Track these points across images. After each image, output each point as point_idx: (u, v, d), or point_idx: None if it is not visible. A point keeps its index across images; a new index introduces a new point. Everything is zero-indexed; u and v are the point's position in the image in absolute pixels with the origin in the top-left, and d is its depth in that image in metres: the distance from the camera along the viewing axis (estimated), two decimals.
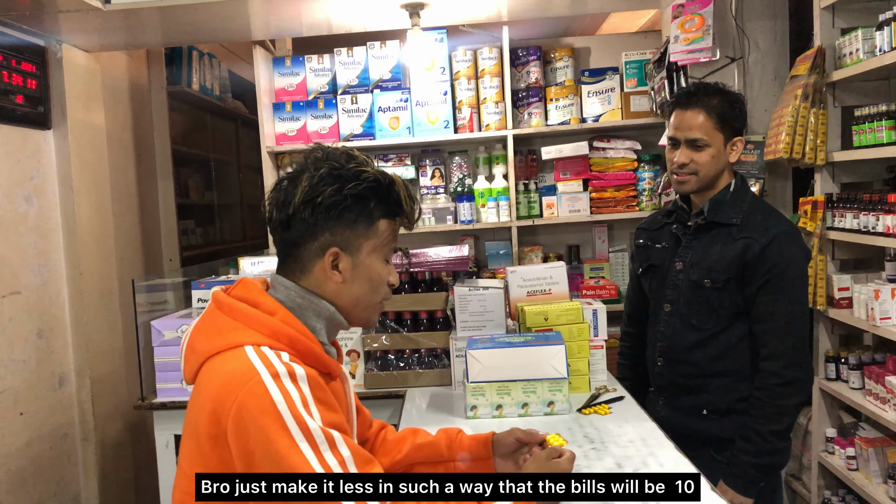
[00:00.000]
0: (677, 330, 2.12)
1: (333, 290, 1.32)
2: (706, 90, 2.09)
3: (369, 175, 1.29)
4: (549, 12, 3.87)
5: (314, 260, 1.30)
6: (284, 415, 1.13)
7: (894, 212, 2.42)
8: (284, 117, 4.04)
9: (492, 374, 1.99)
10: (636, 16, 5.12)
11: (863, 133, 2.63)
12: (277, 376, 1.16)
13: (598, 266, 4.11)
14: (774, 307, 1.98)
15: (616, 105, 4.02)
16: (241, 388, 1.15)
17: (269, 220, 1.33)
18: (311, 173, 1.28)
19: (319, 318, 1.33)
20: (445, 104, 3.98)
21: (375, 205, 1.31)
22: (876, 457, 2.65)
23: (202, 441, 1.19)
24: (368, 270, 1.33)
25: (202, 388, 1.22)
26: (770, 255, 1.97)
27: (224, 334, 1.25)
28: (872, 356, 2.79)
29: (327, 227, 1.28)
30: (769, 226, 2.01)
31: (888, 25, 2.43)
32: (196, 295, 2.71)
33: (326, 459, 1.12)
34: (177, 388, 2.68)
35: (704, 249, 2.08)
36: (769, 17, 3.34)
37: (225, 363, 1.21)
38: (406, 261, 2.49)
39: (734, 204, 2.07)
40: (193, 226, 4.98)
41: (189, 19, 3.30)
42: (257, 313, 1.26)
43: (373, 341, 2.49)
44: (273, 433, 1.12)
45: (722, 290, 2.03)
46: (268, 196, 1.33)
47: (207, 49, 4.95)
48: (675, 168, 2.09)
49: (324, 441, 1.14)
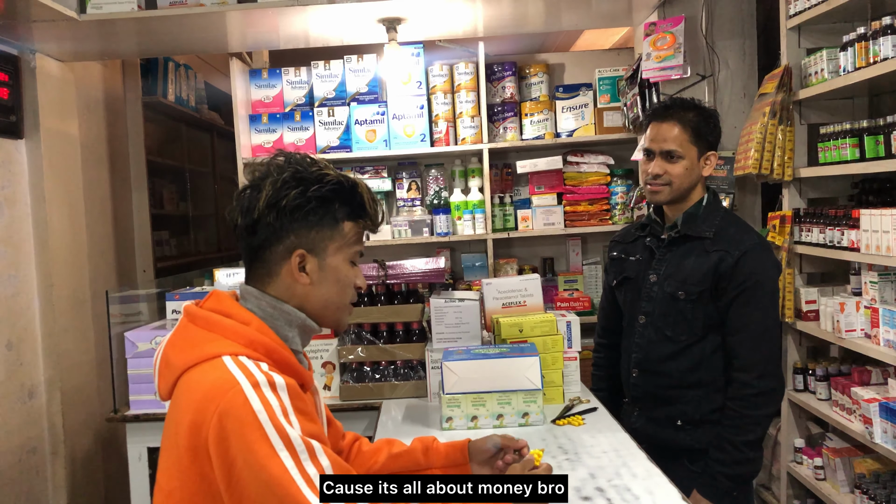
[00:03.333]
0: (652, 341, 2.15)
1: (302, 292, 1.33)
2: (682, 104, 2.13)
3: (332, 178, 1.31)
4: (524, 28, 3.92)
5: (281, 263, 1.31)
6: (265, 424, 1.13)
7: (858, 227, 2.49)
8: (261, 129, 4.05)
9: (467, 386, 2.00)
10: (609, 33, 5.21)
11: (828, 150, 2.70)
12: (258, 385, 1.16)
13: (571, 278, 4.16)
14: (748, 319, 2.01)
15: (590, 120, 4.08)
16: (222, 398, 1.15)
17: (234, 228, 1.33)
18: (275, 178, 1.29)
19: (291, 327, 1.33)
20: (422, 118, 4.02)
21: (339, 207, 1.32)
22: (843, 467, 2.70)
23: (181, 454, 1.18)
24: (335, 272, 1.34)
25: (180, 401, 1.22)
26: (743, 268, 2.01)
27: (200, 346, 1.24)
28: (839, 368, 2.85)
29: (292, 229, 1.29)
30: (742, 239, 2.05)
31: (851, 46, 2.51)
32: (170, 306, 2.69)
33: (307, 469, 1.12)
34: (150, 400, 2.66)
35: (678, 262, 2.11)
36: (738, 36, 3.42)
37: (204, 375, 1.20)
38: (382, 272, 2.50)
39: (707, 218, 2.11)
40: (168, 237, 4.95)
41: (165, 30, 3.30)
42: (233, 323, 1.27)
43: (348, 353, 2.49)
44: (254, 442, 1.12)
45: (696, 302, 2.06)
46: (232, 204, 1.34)
47: (184, 60, 4.94)
48: (649, 178, 2.12)
49: (304, 450, 1.14)
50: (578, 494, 1.55)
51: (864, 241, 2.45)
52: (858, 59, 2.47)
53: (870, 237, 2.41)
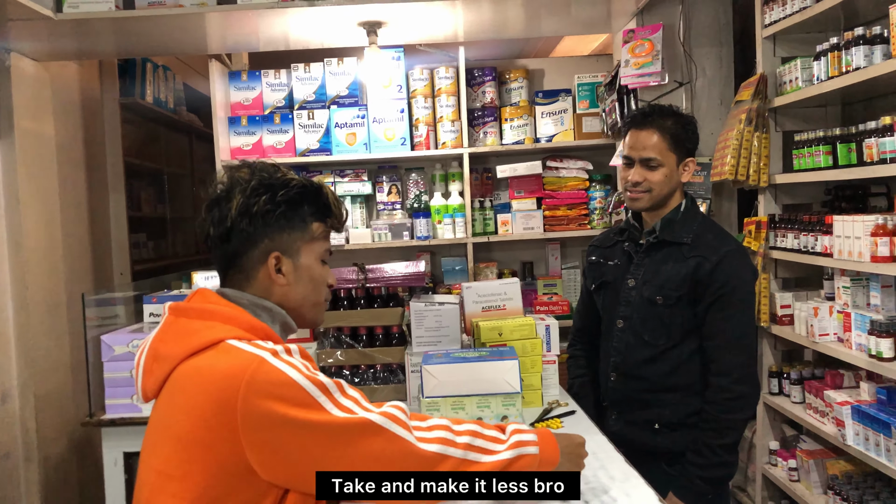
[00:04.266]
0: (630, 345, 2.16)
1: (280, 293, 1.38)
2: (661, 112, 2.14)
3: (297, 182, 1.38)
4: (504, 34, 3.95)
5: (257, 267, 1.36)
6: (295, 377, 1.19)
7: (831, 233, 2.53)
8: (240, 131, 4.03)
9: (447, 389, 2.01)
10: (589, 39, 5.25)
11: (802, 157, 2.74)
12: (276, 354, 1.22)
13: (551, 282, 4.18)
14: (725, 324, 2.03)
15: (569, 126, 4.11)
16: (249, 373, 1.18)
17: (206, 238, 1.38)
18: (243, 186, 1.35)
19: (274, 322, 1.38)
20: (402, 121, 4.02)
21: (307, 208, 1.39)
22: (816, 468, 2.75)
23: (190, 440, 1.19)
24: (309, 271, 1.40)
25: (186, 387, 1.23)
26: (721, 274, 2.03)
27: (199, 333, 1.27)
28: (812, 371, 2.89)
29: (266, 233, 1.35)
30: (719, 245, 2.07)
31: (824, 56, 2.56)
32: (148, 309, 2.67)
33: (343, 402, 1.21)
34: (127, 403, 2.63)
35: (656, 267, 2.13)
36: (715, 44, 3.47)
37: (214, 359, 1.22)
38: (362, 276, 2.50)
39: (685, 223, 2.13)
40: (145, 239, 4.90)
41: (143, 31, 3.28)
42: (229, 309, 1.31)
43: (328, 357, 2.48)
44: (293, 398, 1.18)
45: (674, 307, 2.08)
46: (201, 217, 1.39)
47: (162, 61, 4.90)
48: (629, 186, 2.14)
49: (334, 388, 1.22)
50: None
51: (837, 247, 2.49)
52: (831, 68, 2.52)
53: (842, 243, 2.46)
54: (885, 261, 2.26)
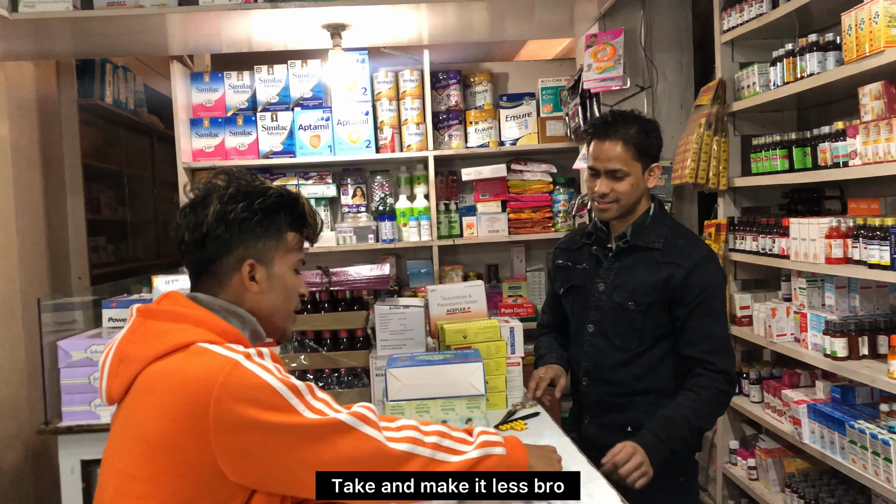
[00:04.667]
0: (601, 350, 2.16)
1: (252, 300, 1.38)
2: (623, 119, 2.11)
3: (274, 191, 1.39)
4: (468, 37, 3.96)
5: (231, 273, 1.36)
6: (268, 379, 1.20)
7: (788, 235, 2.59)
8: (202, 133, 3.98)
9: (411, 392, 2.00)
10: (552, 44, 5.30)
11: (760, 161, 2.80)
12: (249, 357, 1.23)
13: (516, 285, 4.20)
14: (710, 330, 2.06)
15: (533, 129, 4.14)
16: (223, 376, 1.18)
17: (181, 243, 1.38)
18: (221, 193, 1.35)
19: (244, 329, 1.38)
20: (367, 124, 4.01)
21: (283, 217, 1.40)
22: (774, 467, 2.80)
23: (157, 442, 1.19)
24: (282, 280, 1.41)
25: (153, 390, 1.22)
26: (696, 281, 2.04)
27: (169, 335, 1.26)
28: (771, 371, 2.95)
29: (241, 240, 1.35)
30: (691, 252, 2.08)
31: (780, 62, 2.62)
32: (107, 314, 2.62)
33: (313, 404, 1.23)
34: (85, 410, 2.58)
35: (627, 272, 2.12)
36: (676, 49, 3.52)
37: (185, 361, 1.22)
38: (326, 279, 2.49)
39: (654, 228, 2.13)
40: (105, 243, 4.80)
41: (102, 31, 3.22)
42: (200, 313, 1.31)
43: (291, 361, 2.46)
44: (267, 399, 1.18)
45: (645, 312, 2.08)
46: (176, 222, 1.38)
47: (122, 62, 4.82)
48: (596, 196, 2.13)
49: (306, 390, 1.24)
50: None
51: (794, 249, 2.55)
52: (787, 73, 2.58)
53: (798, 245, 2.51)
54: (838, 262, 2.32)
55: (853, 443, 2.24)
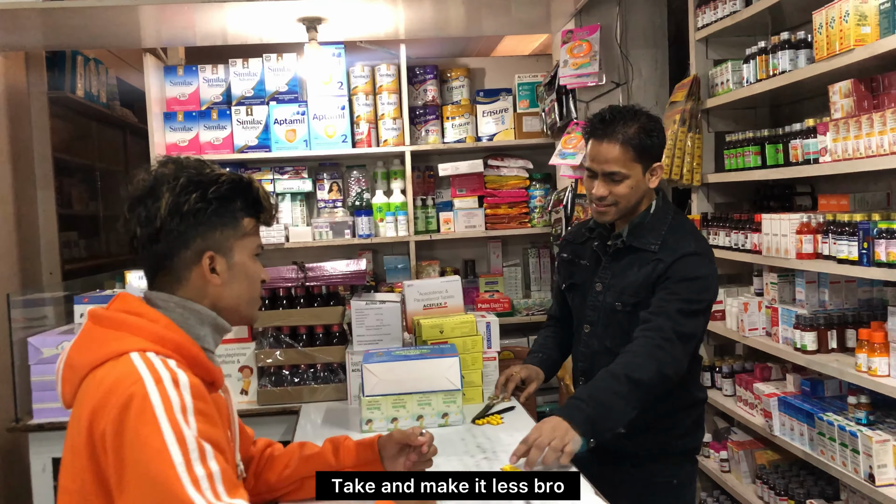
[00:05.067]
0: (595, 351, 2.10)
1: (214, 293, 1.34)
2: (622, 117, 1.97)
3: (227, 177, 1.34)
4: (445, 32, 3.96)
5: (190, 267, 1.32)
6: (161, 419, 1.13)
7: (760, 230, 2.62)
8: (176, 127, 3.93)
9: (387, 388, 2.01)
10: (529, 39, 5.31)
11: (733, 157, 2.84)
12: (160, 381, 1.16)
13: (492, 280, 4.22)
14: (669, 305, 1.90)
15: (509, 125, 4.15)
16: (124, 391, 1.14)
17: (132, 239, 1.33)
18: (171, 184, 1.29)
19: (203, 325, 1.34)
20: (343, 118, 3.99)
21: (238, 203, 1.35)
22: (746, 459, 2.84)
23: (80, 453, 1.17)
24: (243, 268, 1.37)
25: (84, 400, 1.20)
26: (672, 272, 1.95)
27: (106, 344, 1.23)
28: (743, 365, 2.99)
29: (198, 232, 1.31)
30: (677, 247, 1.98)
31: (753, 59, 2.65)
32: (79, 310, 2.58)
33: (195, 469, 1.12)
34: (56, 408, 2.54)
35: (622, 272, 2.04)
36: (651, 46, 3.55)
37: (109, 371, 1.19)
38: (302, 275, 2.48)
39: (654, 228, 2.03)
40: (77, 238, 4.74)
41: (73, 23, 3.17)
42: (140, 320, 1.26)
43: (267, 357, 2.45)
44: (147, 437, 1.11)
45: (631, 313, 2.01)
46: (124, 216, 1.33)
47: (93, 54, 4.74)
48: (594, 199, 2.03)
49: (196, 450, 1.13)
50: None
51: (766, 245, 2.58)
52: (760, 71, 2.61)
53: (770, 240, 2.55)
54: (809, 257, 2.35)
55: (822, 434, 2.29)
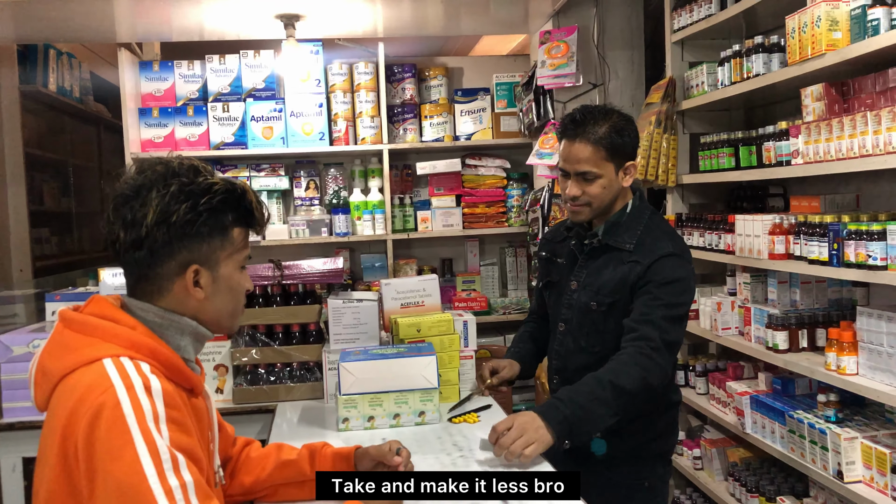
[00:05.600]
0: (569, 350, 2.11)
1: (196, 306, 1.30)
2: (593, 118, 1.97)
3: (220, 187, 1.27)
4: (424, 31, 3.96)
5: (173, 279, 1.27)
6: (133, 428, 1.10)
7: (734, 231, 2.66)
8: (151, 123, 3.89)
9: (364, 386, 2.00)
10: (507, 39, 5.33)
11: (707, 158, 2.87)
12: (132, 388, 1.13)
13: (469, 279, 4.23)
14: (652, 311, 1.90)
15: (487, 124, 4.16)
16: (94, 400, 1.11)
17: (115, 241, 1.26)
18: (161, 191, 1.23)
19: (183, 335, 1.30)
20: (321, 116, 3.98)
21: (229, 215, 1.29)
22: (718, 456, 2.88)
23: (54, 462, 1.13)
24: (228, 280, 1.32)
25: (57, 408, 1.16)
26: (652, 274, 1.94)
27: (78, 350, 1.19)
28: (716, 363, 3.03)
29: (184, 245, 1.25)
30: (655, 248, 1.97)
31: (728, 62, 2.68)
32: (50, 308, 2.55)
33: (168, 479, 1.09)
34: (26, 407, 2.50)
35: (597, 271, 2.04)
36: (627, 47, 3.58)
37: (81, 378, 1.16)
38: (278, 273, 2.46)
39: (629, 227, 2.03)
40: (48, 234, 4.66)
41: (45, 16, 3.12)
42: (114, 326, 1.22)
43: (242, 355, 2.44)
44: (119, 447, 1.09)
45: (607, 313, 2.02)
46: (108, 214, 1.26)
47: (67, 48, 4.67)
48: (567, 198, 2.03)
49: (168, 461, 1.10)
50: None
51: (739, 245, 2.62)
52: (734, 73, 2.65)
53: (743, 241, 2.59)
54: (780, 258, 2.39)
55: (792, 432, 2.32)
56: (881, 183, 2.43)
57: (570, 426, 1.76)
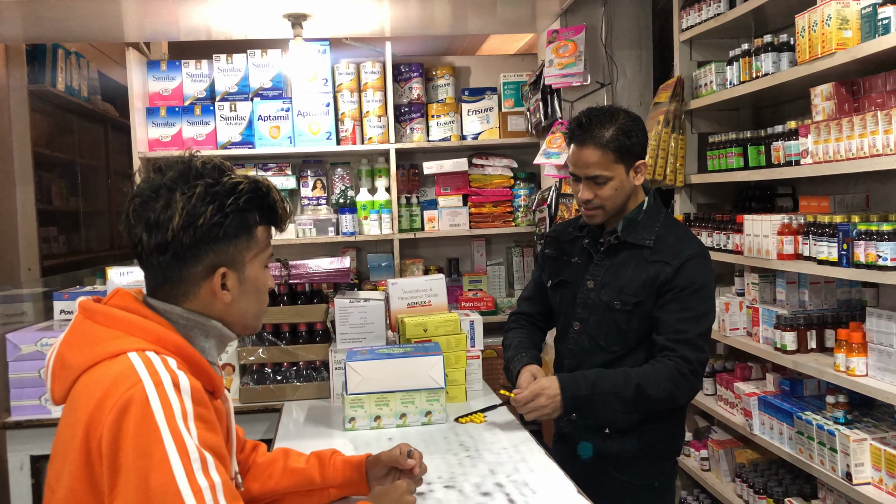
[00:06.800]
0: (585, 349, 2.08)
1: (222, 308, 1.28)
2: (599, 121, 1.97)
3: (245, 186, 1.25)
4: (431, 30, 3.96)
5: (200, 283, 1.24)
6: (161, 426, 1.08)
7: (742, 231, 2.65)
8: (158, 122, 3.90)
9: (371, 386, 2.00)
10: (514, 39, 5.32)
11: (716, 158, 2.86)
12: (161, 384, 1.11)
13: (476, 279, 4.22)
14: (686, 325, 1.93)
15: (494, 124, 4.16)
16: (122, 395, 1.09)
17: (136, 244, 1.23)
18: (185, 193, 1.20)
19: (208, 338, 1.28)
20: (328, 115, 3.98)
21: (255, 215, 1.27)
22: (725, 457, 2.87)
23: (75, 457, 1.11)
24: (255, 282, 1.30)
25: (79, 402, 1.14)
26: (680, 278, 1.94)
27: (102, 343, 1.17)
28: (724, 364, 3.01)
29: (210, 247, 1.22)
30: (681, 249, 1.97)
31: (737, 61, 2.67)
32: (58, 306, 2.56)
33: (197, 480, 1.08)
34: (34, 405, 2.51)
35: (617, 270, 2.03)
36: (635, 47, 3.57)
37: (106, 371, 1.13)
38: (285, 272, 2.46)
39: (647, 224, 2.02)
40: (56, 233, 4.68)
41: (54, 16, 3.13)
42: (140, 319, 1.20)
43: (249, 354, 2.44)
44: (147, 445, 1.07)
45: (631, 312, 2.00)
46: (127, 215, 1.23)
47: (75, 48, 4.69)
48: (580, 202, 2.03)
49: (198, 460, 1.09)
50: (478, 490, 1.58)
51: (747, 245, 2.60)
52: (743, 73, 2.63)
53: (751, 241, 2.57)
54: (789, 258, 2.38)
55: (800, 433, 2.31)
56: (891, 183, 2.41)
57: (581, 407, 1.90)
